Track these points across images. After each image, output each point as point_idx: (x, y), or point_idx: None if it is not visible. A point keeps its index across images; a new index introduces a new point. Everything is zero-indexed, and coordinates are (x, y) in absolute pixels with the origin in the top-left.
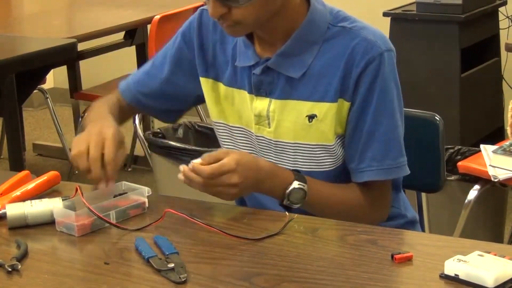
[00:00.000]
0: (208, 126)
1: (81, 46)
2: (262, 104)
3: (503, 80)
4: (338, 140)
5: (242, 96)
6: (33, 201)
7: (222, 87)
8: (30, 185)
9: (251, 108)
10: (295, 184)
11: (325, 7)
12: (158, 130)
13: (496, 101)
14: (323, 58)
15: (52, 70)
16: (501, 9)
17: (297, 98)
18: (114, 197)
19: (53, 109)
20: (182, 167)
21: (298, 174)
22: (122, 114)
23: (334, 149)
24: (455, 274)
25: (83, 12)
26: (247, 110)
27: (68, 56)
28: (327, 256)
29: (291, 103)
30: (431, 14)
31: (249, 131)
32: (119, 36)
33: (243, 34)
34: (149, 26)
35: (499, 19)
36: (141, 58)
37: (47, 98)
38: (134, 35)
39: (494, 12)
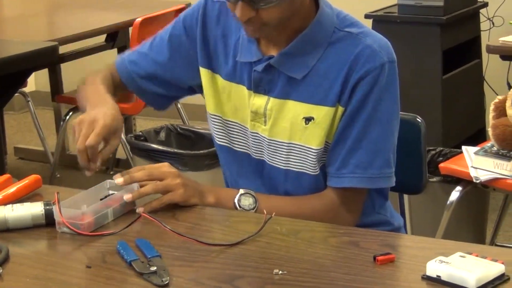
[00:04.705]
0: (190, 129)
1: (62, 49)
2: (260, 101)
3: (485, 82)
4: (327, 144)
5: (240, 91)
6: (14, 205)
7: (220, 80)
8: (11, 189)
9: (249, 104)
10: (241, 191)
11: (333, 10)
12: (140, 133)
13: (478, 103)
14: (326, 62)
15: (33, 73)
16: (482, 10)
17: (296, 99)
18: (101, 200)
19: (34, 113)
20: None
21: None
22: (116, 90)
23: (322, 154)
24: (437, 275)
25: (64, 15)
26: (244, 105)
27: (49, 59)
28: (309, 258)
29: (289, 103)
30: (412, 16)
31: (244, 127)
32: (101, 39)
33: (267, 35)
34: (130, 29)
35: (480, 21)
36: None
37: (28, 101)
38: (116, 38)
39: (475, 14)
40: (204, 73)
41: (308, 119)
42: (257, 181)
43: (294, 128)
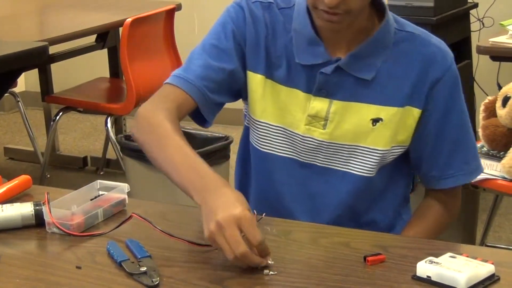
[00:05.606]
0: (183, 129)
1: (52, 49)
2: (321, 104)
3: (475, 82)
4: (395, 147)
5: (294, 95)
6: (4, 205)
7: (272, 84)
8: (1, 189)
9: (306, 108)
10: None
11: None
12: (130, 133)
13: (468, 103)
14: (393, 62)
15: (23, 73)
16: (473, 11)
17: (364, 101)
18: (91, 200)
19: (24, 113)
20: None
21: None
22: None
23: (386, 155)
24: (427, 276)
25: (54, 15)
26: (296, 109)
27: (39, 59)
28: (300, 258)
29: (356, 105)
30: (403, 16)
31: (292, 132)
32: (91, 39)
33: (345, 26)
34: (121, 29)
35: (471, 22)
36: (113, 61)
37: (18, 101)
38: (106, 38)
39: (465, 14)
40: (252, 77)
41: (375, 121)
42: (299, 186)
43: (359, 130)
